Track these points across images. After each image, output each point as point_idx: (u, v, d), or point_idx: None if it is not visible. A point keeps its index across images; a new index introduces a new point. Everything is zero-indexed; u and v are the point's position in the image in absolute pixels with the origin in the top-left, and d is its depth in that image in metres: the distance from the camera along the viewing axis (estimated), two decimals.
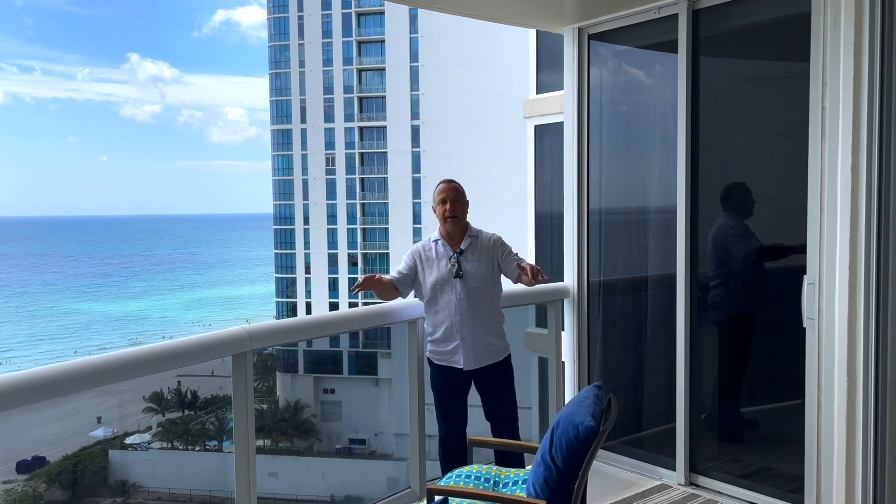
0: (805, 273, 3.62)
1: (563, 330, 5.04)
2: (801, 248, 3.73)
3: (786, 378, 4.11)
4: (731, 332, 4.42)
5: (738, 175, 4.29)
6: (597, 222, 4.86)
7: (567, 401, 4.77)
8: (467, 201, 4.06)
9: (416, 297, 4.08)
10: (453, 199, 3.99)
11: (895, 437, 3.38)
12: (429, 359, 4.10)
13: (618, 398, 2.99)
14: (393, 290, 3.97)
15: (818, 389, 3.61)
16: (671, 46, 4.27)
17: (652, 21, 4.38)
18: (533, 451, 3.03)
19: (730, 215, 4.28)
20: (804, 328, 3.64)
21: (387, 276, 3.98)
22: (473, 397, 4.11)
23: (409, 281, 4.01)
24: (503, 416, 4.07)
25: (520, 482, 3.09)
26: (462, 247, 3.98)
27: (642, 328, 4.80)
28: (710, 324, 4.38)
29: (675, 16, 4.23)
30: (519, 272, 3.92)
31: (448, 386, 4.03)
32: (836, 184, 3.46)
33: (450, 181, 4.07)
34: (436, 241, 4.04)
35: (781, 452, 4.13)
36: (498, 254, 4.01)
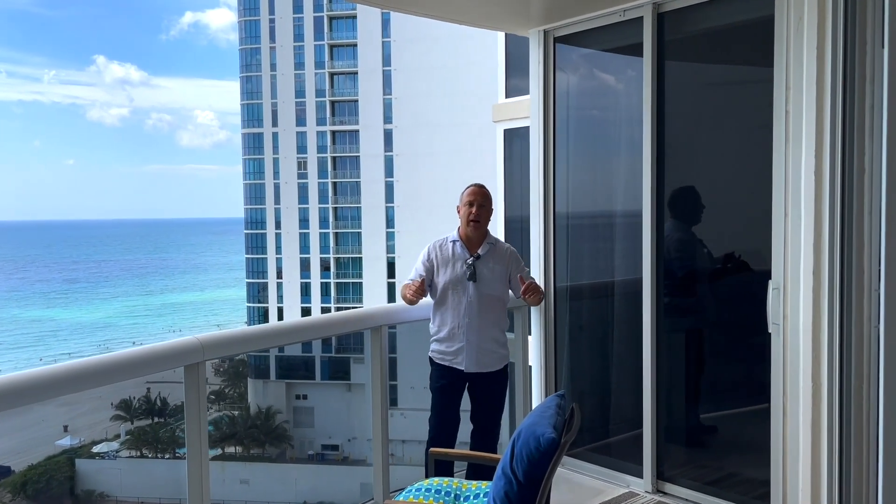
0: (770, 278, 3.60)
1: (529, 335, 4.99)
2: (737, 259, 3.99)
3: (752, 384, 4.09)
4: (697, 338, 4.39)
5: (704, 178, 4.26)
6: (563, 226, 4.82)
7: (534, 405, 4.72)
8: (492, 209, 4.10)
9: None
10: (480, 204, 4.04)
11: (860, 442, 3.35)
12: (430, 358, 4.09)
13: (584, 404, 2.95)
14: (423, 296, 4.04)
15: (783, 395, 3.59)
16: (636, 50, 4.24)
17: (617, 24, 4.35)
18: (495, 463, 2.96)
19: (676, 223, 4.24)
20: (769, 334, 3.62)
21: (416, 281, 3.99)
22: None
23: (429, 282, 4.06)
24: (488, 423, 4.09)
25: (481, 495, 3.01)
26: (480, 252, 4.02)
27: (609, 333, 4.76)
28: (676, 329, 4.35)
29: (640, 19, 4.19)
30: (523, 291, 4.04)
31: (447, 385, 4.02)
32: (801, 188, 3.43)
33: (481, 186, 4.12)
34: (454, 241, 4.07)
35: (748, 458, 4.10)
36: (512, 267, 4.10)
